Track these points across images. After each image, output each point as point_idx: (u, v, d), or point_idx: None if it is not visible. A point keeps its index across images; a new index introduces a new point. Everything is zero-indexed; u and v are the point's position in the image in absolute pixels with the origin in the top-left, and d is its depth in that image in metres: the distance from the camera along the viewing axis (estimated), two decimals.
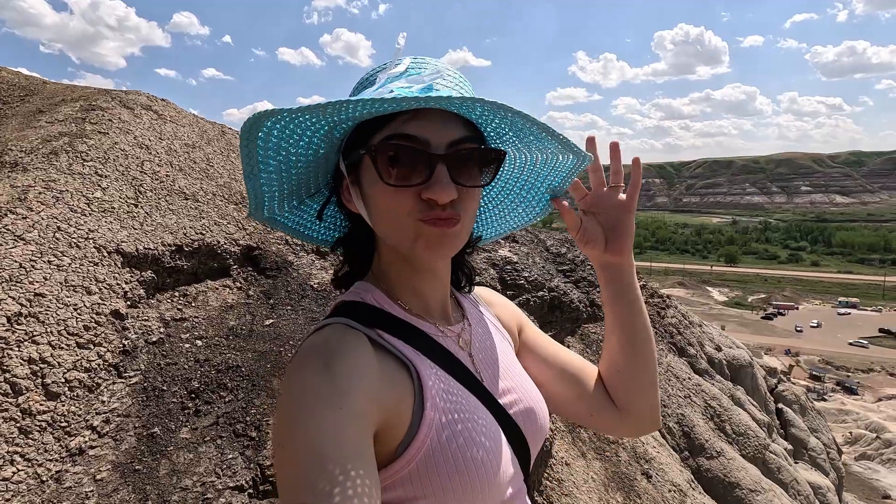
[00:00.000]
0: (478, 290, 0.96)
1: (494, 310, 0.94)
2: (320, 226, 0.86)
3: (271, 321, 2.11)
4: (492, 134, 0.73)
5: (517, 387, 0.79)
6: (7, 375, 1.31)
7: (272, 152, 0.66)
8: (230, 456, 1.50)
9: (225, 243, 2.33)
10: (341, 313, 0.70)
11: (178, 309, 2.01)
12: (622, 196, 0.85)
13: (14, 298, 1.45)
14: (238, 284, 2.28)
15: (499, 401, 0.74)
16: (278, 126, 0.63)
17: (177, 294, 2.09)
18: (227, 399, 1.65)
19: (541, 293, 3.31)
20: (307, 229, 0.85)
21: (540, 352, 0.93)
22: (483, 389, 0.73)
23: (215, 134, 3.21)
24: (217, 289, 2.21)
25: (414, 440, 0.61)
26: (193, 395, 1.63)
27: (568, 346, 4.29)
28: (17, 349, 1.36)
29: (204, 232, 2.29)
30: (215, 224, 2.40)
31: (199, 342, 1.88)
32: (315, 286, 2.42)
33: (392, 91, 0.62)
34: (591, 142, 0.84)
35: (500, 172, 0.83)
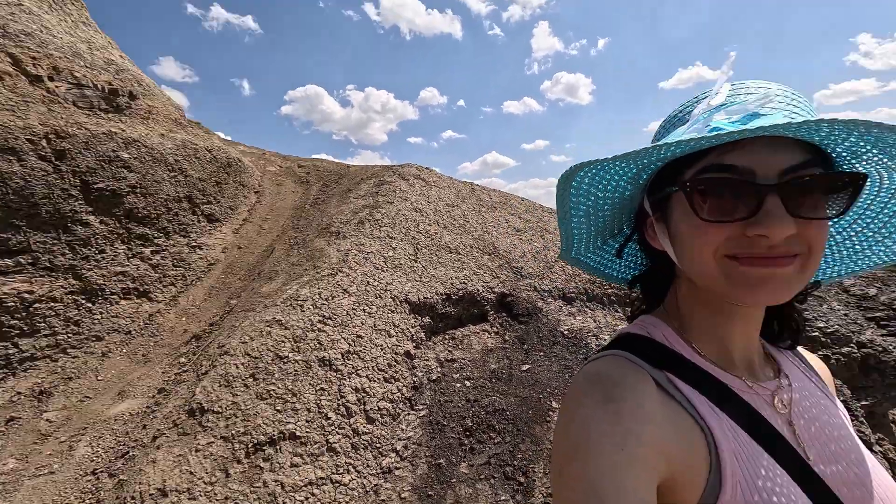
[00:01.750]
0: (799, 349, 0.80)
1: (821, 375, 0.77)
2: (619, 264, 0.86)
3: (528, 366, 2.21)
4: (844, 154, 0.59)
5: (863, 473, 0.61)
6: (343, 400, 1.69)
7: (583, 198, 0.69)
8: (503, 497, 1.58)
9: (483, 291, 2.57)
10: (623, 346, 0.65)
11: (449, 351, 2.29)
12: None
13: (345, 339, 1.89)
14: (495, 329, 2.48)
15: (832, 489, 0.58)
16: (589, 175, 0.65)
17: (447, 337, 2.39)
18: (495, 441, 1.78)
19: (846, 349, 2.60)
20: (606, 268, 0.86)
21: None
22: (806, 469, 0.58)
23: (467, 193, 3.65)
24: (478, 333, 2.45)
25: None
26: (468, 433, 1.81)
27: (893, 420, 3.21)
28: (348, 380, 1.76)
29: (466, 281, 2.58)
30: (474, 274, 2.68)
31: (467, 382, 2.10)
32: (565, 333, 2.44)
33: (709, 126, 0.56)
34: None
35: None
